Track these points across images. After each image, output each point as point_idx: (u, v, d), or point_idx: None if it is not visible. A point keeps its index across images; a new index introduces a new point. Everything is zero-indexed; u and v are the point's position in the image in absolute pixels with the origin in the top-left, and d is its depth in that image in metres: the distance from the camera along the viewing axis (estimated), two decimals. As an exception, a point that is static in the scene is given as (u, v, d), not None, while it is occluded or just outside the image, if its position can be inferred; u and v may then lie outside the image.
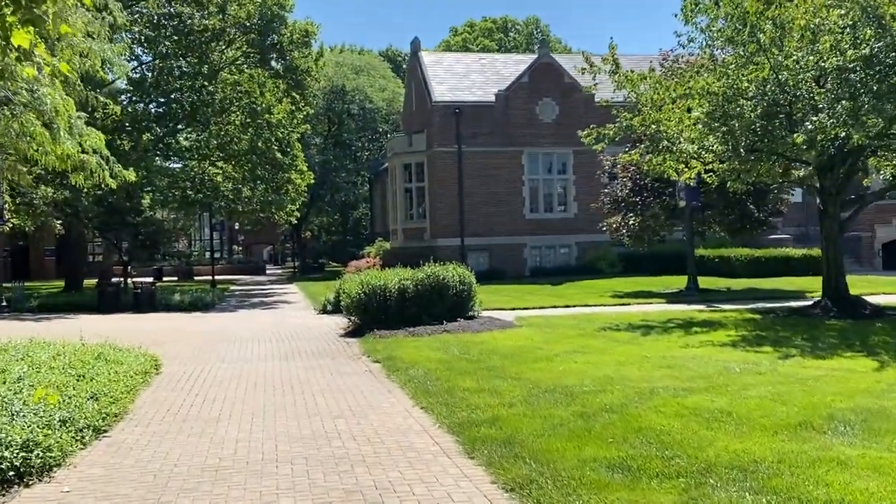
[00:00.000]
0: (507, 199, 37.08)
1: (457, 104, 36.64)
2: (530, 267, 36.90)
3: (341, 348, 14.19)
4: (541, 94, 37.42)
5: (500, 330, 15.40)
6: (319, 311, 22.82)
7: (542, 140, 37.37)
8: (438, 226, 36.91)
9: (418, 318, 16.32)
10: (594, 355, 11.69)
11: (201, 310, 25.17)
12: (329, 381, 10.63)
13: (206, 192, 36.32)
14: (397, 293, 16.41)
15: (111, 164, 15.29)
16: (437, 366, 11.08)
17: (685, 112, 15.89)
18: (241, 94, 34.23)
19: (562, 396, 8.47)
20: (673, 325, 15.50)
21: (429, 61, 39.82)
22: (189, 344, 15.55)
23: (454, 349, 12.72)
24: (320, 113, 55.68)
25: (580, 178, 37.74)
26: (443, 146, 36.62)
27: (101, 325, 20.23)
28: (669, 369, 10.14)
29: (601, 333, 14.47)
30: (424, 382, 9.79)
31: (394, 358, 12.05)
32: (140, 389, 10.07)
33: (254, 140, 35.14)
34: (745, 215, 25.88)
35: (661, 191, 25.11)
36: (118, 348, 11.92)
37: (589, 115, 37.63)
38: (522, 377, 9.85)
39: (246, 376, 11.24)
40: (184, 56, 32.57)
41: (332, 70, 55.38)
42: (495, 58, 43.70)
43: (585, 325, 15.95)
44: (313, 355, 13.35)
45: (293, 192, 37.55)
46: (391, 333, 15.25)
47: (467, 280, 17.10)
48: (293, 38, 32.76)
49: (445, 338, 14.31)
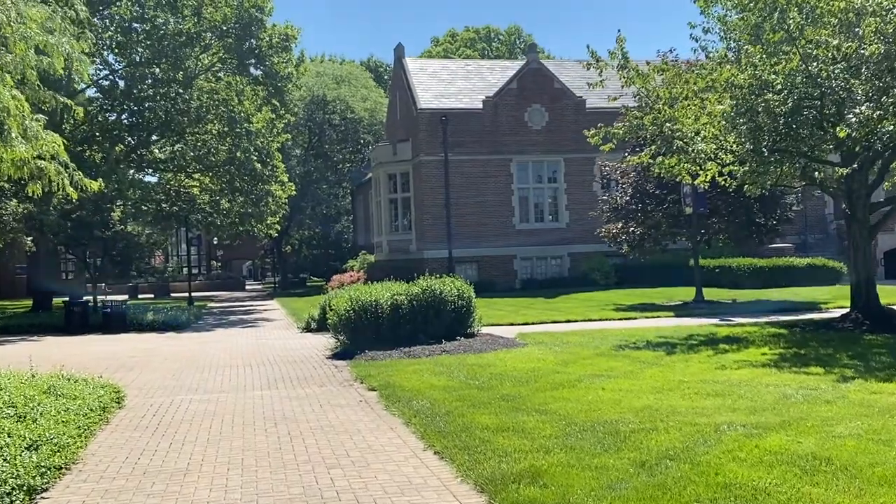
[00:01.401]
0: (496, 208, 35.68)
1: (443, 111, 35.26)
2: (521, 279, 35.47)
3: (330, 373, 12.63)
4: (530, 100, 36.12)
5: (506, 349, 13.91)
6: (303, 330, 21.24)
7: (531, 148, 36.04)
8: (425, 237, 35.43)
9: (414, 337, 14.82)
10: (622, 380, 10.23)
11: (176, 329, 23.49)
12: (319, 415, 9.09)
13: (182, 204, 34.63)
14: (390, 310, 14.90)
15: (70, 171, 13.69)
16: (443, 395, 9.56)
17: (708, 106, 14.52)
18: (219, 102, 32.64)
19: (606, 437, 6.98)
20: (696, 343, 14.08)
21: (413, 68, 38.44)
22: (159, 370, 13.93)
23: (459, 374, 11.21)
24: (301, 123, 54.09)
25: (571, 187, 36.43)
26: (429, 155, 35.20)
27: (65, 348, 18.53)
28: (720, 398, 8.69)
29: (619, 353, 13.02)
30: (433, 417, 8.27)
31: (392, 385, 10.52)
32: (96, 430, 8.48)
33: (232, 150, 33.55)
34: (751, 223, 24.64)
35: (664, 197, 23.79)
36: (74, 379, 10.31)
37: (580, 122, 36.43)
38: (549, 409, 8.36)
39: (222, 411, 9.67)
40: (157, 62, 30.95)
41: (312, 80, 53.85)
42: (481, 64, 42.41)
43: (597, 342, 14.51)
44: (299, 382, 11.79)
45: (273, 205, 35.92)
46: (385, 355, 13.73)
47: (466, 294, 15.63)
48: (272, 43, 31.25)
49: (446, 360, 12.80)
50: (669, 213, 24.08)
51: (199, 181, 35.95)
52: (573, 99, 36.45)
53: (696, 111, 15.16)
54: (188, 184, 36.05)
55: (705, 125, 15.05)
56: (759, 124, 13.91)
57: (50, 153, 13.06)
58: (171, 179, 36.86)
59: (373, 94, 59.65)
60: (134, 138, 32.85)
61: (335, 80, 56.75)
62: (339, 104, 54.83)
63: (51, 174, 12.99)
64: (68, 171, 13.51)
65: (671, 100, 15.38)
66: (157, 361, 15.24)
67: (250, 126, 32.73)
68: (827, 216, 38.15)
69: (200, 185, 36.00)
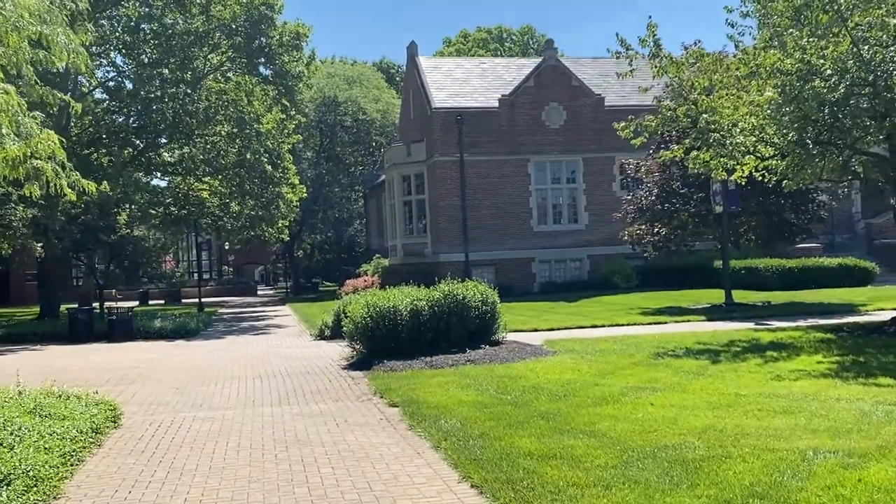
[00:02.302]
0: (514, 210, 34.63)
1: (458, 110, 34.27)
2: (539, 282, 34.41)
3: (346, 386, 11.67)
4: (547, 98, 35.07)
5: (535, 358, 12.91)
6: (316, 337, 20.30)
7: (549, 147, 34.99)
8: (440, 240, 34.44)
9: (435, 345, 13.83)
10: (671, 394, 9.22)
11: (185, 337, 22.63)
12: (335, 436, 8.12)
13: (191, 208, 33.79)
14: (409, 316, 13.93)
15: (68, 172, 12.79)
16: (474, 413, 8.58)
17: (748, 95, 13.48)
18: (228, 102, 31.80)
19: (673, 466, 5.98)
20: (739, 350, 13.03)
21: (427, 66, 37.48)
22: (163, 382, 13.01)
23: (489, 387, 10.22)
24: (312, 125, 53.24)
25: (591, 187, 35.35)
26: (444, 155, 34.22)
27: (66, 358, 17.66)
28: (790, 416, 7.66)
29: (659, 361, 12.00)
30: (465, 440, 7.28)
31: (415, 401, 9.54)
32: (85, 456, 7.53)
33: (242, 152, 32.70)
34: (782, 222, 23.55)
35: (690, 196, 22.72)
36: (66, 395, 9.38)
37: (599, 120, 35.41)
38: (597, 431, 7.36)
39: (228, 431, 8.71)
40: (165, 62, 30.15)
41: (323, 81, 53.02)
42: (496, 62, 41.42)
43: (632, 349, 13.48)
44: (313, 397, 10.83)
45: (284, 208, 35.03)
46: (404, 365, 12.76)
47: (490, 299, 14.62)
48: (283, 41, 30.38)
49: (472, 370, 11.81)
50: (696, 213, 23.01)
51: (209, 184, 35.13)
52: (592, 97, 35.41)
53: (735, 101, 14.13)
54: (197, 187, 35.21)
55: (745, 116, 14.03)
56: (807, 113, 12.86)
57: (46, 152, 12.17)
58: (180, 183, 36.06)
59: (385, 95, 58.75)
60: (142, 141, 32.05)
61: (346, 82, 55.89)
62: (350, 105, 53.95)
63: (48, 175, 12.09)
64: (66, 171, 12.61)
65: (708, 89, 14.34)
66: (162, 373, 14.32)
67: (260, 127, 31.87)
68: (854, 215, 36.96)
69: (210, 189, 35.18)
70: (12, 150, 11.19)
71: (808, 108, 12.68)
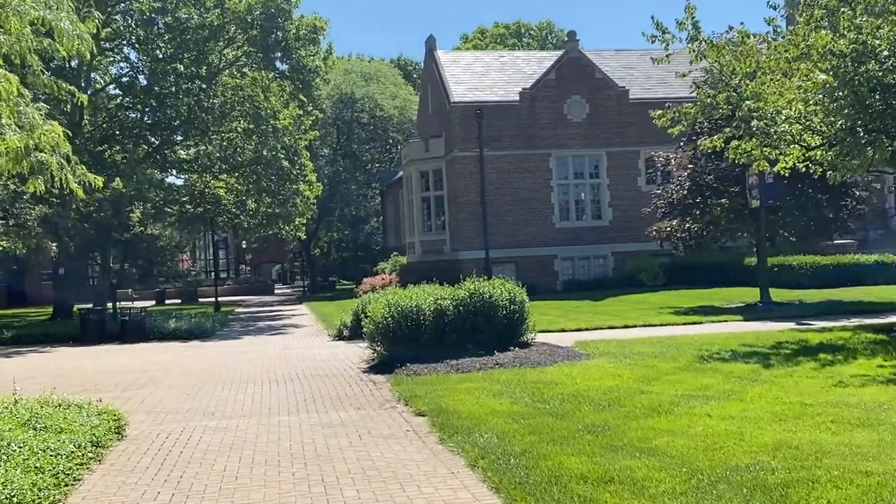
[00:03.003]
0: (535, 206, 33.75)
1: (477, 104, 33.43)
2: (562, 280, 33.51)
3: (367, 391, 10.89)
4: (569, 91, 34.16)
5: (568, 362, 12.08)
6: (334, 337, 19.56)
7: (571, 141, 34.07)
8: (459, 237, 33.63)
9: (461, 347, 13.03)
10: (727, 403, 8.37)
11: (199, 338, 21.95)
12: (358, 450, 7.34)
13: (207, 206, 33.17)
14: (433, 316, 13.14)
15: (73, 165, 12.08)
16: (511, 425, 7.77)
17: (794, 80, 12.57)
18: (244, 98, 31.14)
19: (754, 494, 5.15)
20: (789, 352, 12.14)
21: (445, 60, 36.66)
22: (175, 387, 12.29)
23: (523, 395, 9.41)
24: (328, 122, 52.59)
25: (614, 182, 34.41)
26: (463, 150, 33.39)
27: (75, 361, 17.00)
28: (870, 429, 6.80)
29: (704, 365, 11.13)
30: (506, 458, 6.48)
31: (444, 409, 8.75)
32: (83, 474, 6.79)
33: (258, 148, 32.04)
34: (820, 218, 22.53)
35: (725, 190, 21.76)
36: (67, 404, 8.66)
37: (622, 113, 34.50)
38: (655, 448, 6.53)
39: (241, 444, 7.95)
40: (179, 57, 29.53)
41: (340, 77, 52.34)
42: (516, 55, 40.49)
43: (672, 352, 12.62)
44: (332, 403, 10.06)
45: (301, 205, 34.35)
46: (428, 369, 11.97)
47: (519, 298, 13.80)
48: (300, 35, 29.64)
49: (503, 375, 10.99)
50: (731, 208, 22.05)
51: (225, 181, 34.52)
52: (615, 89, 34.46)
53: (780, 86, 13.22)
54: (213, 184, 34.60)
55: (792, 102, 13.11)
56: (861, 98, 11.94)
57: (50, 144, 11.48)
58: (196, 180, 35.47)
59: (402, 91, 58.01)
60: (156, 137, 31.47)
61: (363, 78, 55.18)
62: (367, 102, 53.24)
63: (53, 169, 11.40)
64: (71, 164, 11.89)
65: (751, 74, 13.43)
66: (174, 376, 13.61)
67: (277, 123, 31.20)
68: (888, 210, 35.79)
69: (226, 186, 34.56)
70: (12, 141, 10.50)
71: (863, 93, 11.77)
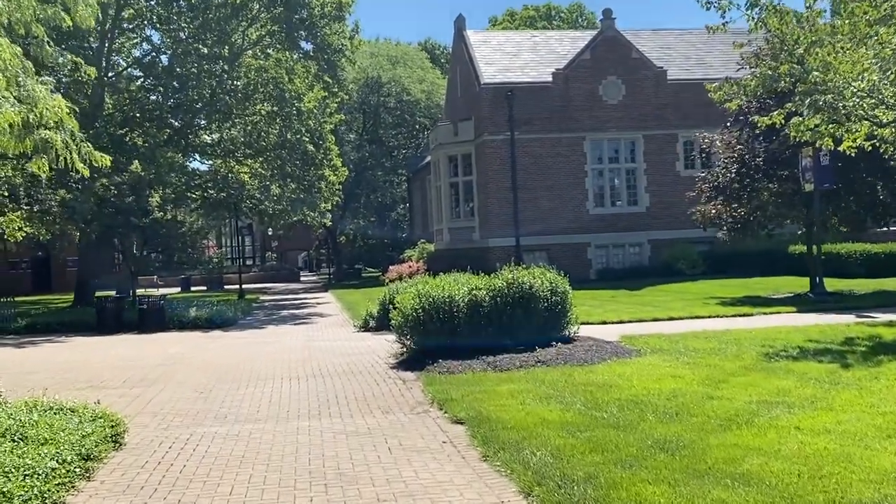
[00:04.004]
0: (568, 191, 32.50)
1: (508, 86, 32.20)
2: (596, 269, 32.28)
3: (397, 391, 9.83)
4: (605, 72, 32.82)
5: (618, 360, 10.92)
6: (360, 328, 18.54)
7: (606, 124, 32.75)
8: (489, 224, 32.49)
9: (498, 342, 11.92)
10: (816, 413, 7.18)
11: (221, 327, 21.04)
12: (389, 469, 6.26)
13: (231, 191, 32.26)
14: (467, 308, 12.03)
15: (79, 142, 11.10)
16: (565, 439, 6.65)
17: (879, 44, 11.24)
18: (267, 80, 30.11)
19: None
20: (865, 350, 10.89)
21: (475, 40, 35.40)
22: (187, 383, 11.31)
23: (575, 399, 8.28)
24: (354, 107, 51.53)
25: (651, 167, 33.06)
26: (493, 134, 32.20)
27: (87, 352, 16.12)
28: None
29: (773, 364, 9.93)
30: (568, 486, 5.36)
31: (485, 417, 7.64)
32: (64, 497, 5.77)
33: (282, 132, 31.04)
34: (874, 202, 21.08)
35: (774, 173, 20.40)
36: (59, 407, 7.67)
37: (660, 95, 33.04)
38: (748, 474, 5.38)
39: (253, 457, 6.91)
40: (201, 37, 28.55)
41: (366, 60, 51.16)
42: (549, 35, 39.13)
43: (731, 348, 11.41)
44: (357, 406, 9.01)
45: (326, 190, 33.33)
46: (463, 366, 10.88)
47: (561, 288, 12.65)
48: (325, 12, 28.51)
49: (547, 375, 9.86)
50: (779, 192, 20.68)
51: (249, 166, 33.59)
52: (653, 69, 33.04)
53: (853, 54, 11.90)
54: (237, 169, 33.69)
55: (865, 72, 11.79)
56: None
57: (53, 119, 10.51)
58: (220, 165, 34.58)
59: (429, 75, 56.72)
60: (178, 121, 30.57)
61: (390, 61, 53.99)
62: (394, 86, 52.06)
63: (58, 147, 10.43)
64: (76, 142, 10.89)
65: (819, 41, 12.11)
66: (188, 370, 12.64)
67: (301, 105, 30.15)
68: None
69: (250, 171, 33.63)
70: (8, 114, 9.54)
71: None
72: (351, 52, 31.06)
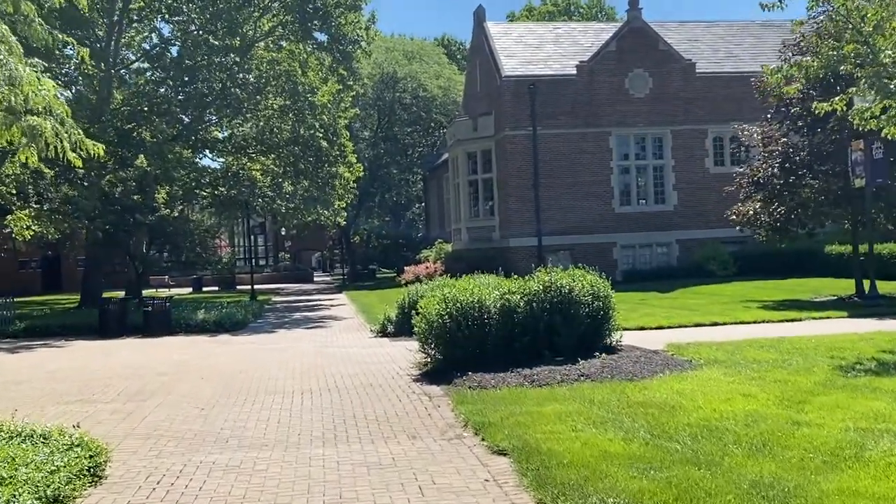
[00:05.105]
0: (593, 189, 31.21)
1: (530, 79, 30.94)
2: (622, 270, 30.93)
3: (423, 410, 8.63)
4: (631, 64, 31.49)
5: (672, 373, 9.66)
6: (377, 333, 17.36)
7: (633, 118, 31.44)
8: (510, 223, 31.25)
9: (534, 351, 10.71)
10: (938, 447, 5.91)
11: (230, 330, 19.93)
12: (422, 517, 5.06)
13: (242, 188, 31.18)
14: (499, 315, 10.82)
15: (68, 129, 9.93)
16: (640, 481, 5.41)
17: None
18: (280, 73, 29.01)
19: None
20: (954, 363, 9.58)
21: (496, 32, 34.15)
22: (188, 397, 10.15)
23: (636, 425, 7.03)
24: (369, 104, 50.37)
25: (680, 163, 31.73)
26: (514, 129, 30.96)
27: (84, 358, 15.00)
28: None
29: (855, 381, 8.65)
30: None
31: (534, 448, 6.41)
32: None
33: (295, 127, 29.96)
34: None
35: (819, 169, 19.07)
36: (30, 434, 6.49)
37: (688, 88, 31.64)
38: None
39: (256, 497, 5.73)
40: (211, 28, 27.49)
41: (382, 55, 50.03)
42: (572, 26, 37.79)
43: (796, 360, 10.14)
44: (379, 428, 7.81)
45: (341, 188, 32.19)
46: (496, 379, 9.68)
47: (603, 293, 11.39)
48: (340, 1, 27.32)
49: (596, 393, 8.62)
50: (822, 189, 19.32)
51: (261, 163, 32.50)
52: (681, 62, 31.69)
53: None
54: (249, 166, 32.62)
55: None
56: None
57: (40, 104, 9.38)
58: (232, 162, 33.52)
59: (446, 71, 55.53)
60: (188, 115, 29.52)
61: (406, 57, 52.81)
62: (410, 82, 50.88)
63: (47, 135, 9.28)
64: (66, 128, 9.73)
65: (892, 16, 10.81)
66: (190, 381, 11.49)
67: (315, 99, 29.04)
68: None
69: (262, 168, 32.54)
70: (-12, 97, 8.46)
71: None
72: (367, 44, 29.89)
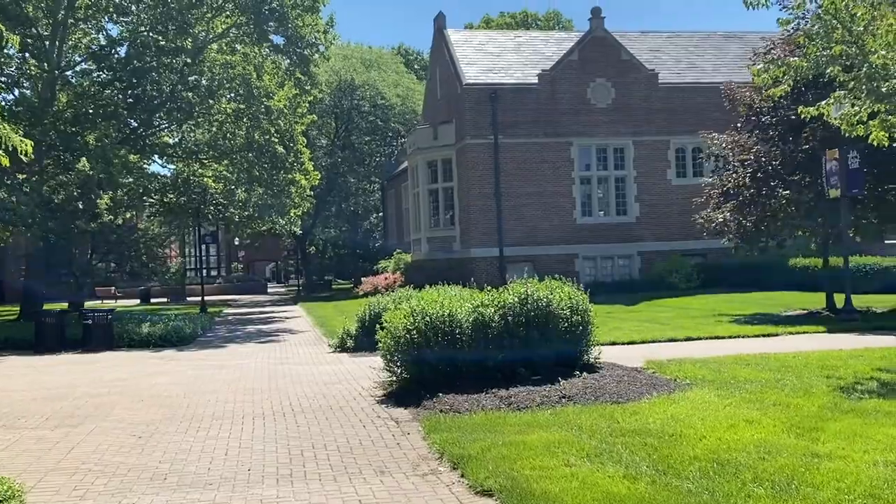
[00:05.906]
0: (555, 200, 30.68)
1: (492, 87, 30.33)
2: (584, 282, 29.91)
3: (390, 438, 7.70)
4: (593, 73, 31.07)
5: (661, 394, 8.87)
6: (335, 348, 16.36)
7: (594, 129, 30.98)
8: (471, 233, 30.51)
9: (509, 369, 9.86)
10: None
11: (176, 345, 18.73)
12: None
13: (193, 195, 29.85)
14: (472, 329, 9.94)
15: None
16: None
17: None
18: (234, 76, 27.85)
19: None
20: (958, 383, 8.97)
21: (456, 39, 33.50)
22: (124, 423, 9.07)
23: (636, 457, 6.20)
24: (326, 112, 49.28)
25: (642, 175, 31.34)
26: (476, 138, 30.29)
27: (12, 377, 13.73)
28: None
29: (861, 404, 7.95)
30: None
31: (525, 491, 5.52)
32: None
33: (250, 132, 28.79)
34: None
35: (791, 179, 18.61)
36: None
37: (651, 98, 31.28)
38: None
39: (195, 555, 4.74)
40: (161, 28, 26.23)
41: (339, 63, 49.02)
42: (533, 35, 37.40)
43: (790, 379, 9.45)
44: (342, 462, 6.86)
45: (297, 195, 31.07)
46: (470, 402, 8.81)
47: (581, 306, 10.60)
48: (297, 2, 26.29)
49: (582, 417, 7.78)
50: (796, 200, 18.85)
51: (214, 170, 31.22)
52: (643, 72, 31.33)
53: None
54: (201, 173, 31.32)
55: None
56: None
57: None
58: (182, 168, 32.16)
59: (404, 79, 54.75)
60: (136, 119, 28.16)
61: (364, 64, 51.90)
62: (368, 89, 49.96)
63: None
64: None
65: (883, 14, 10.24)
66: (128, 403, 10.38)
67: (271, 104, 27.92)
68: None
69: (214, 174, 31.26)
70: None
71: None
72: (325, 47, 28.89)
